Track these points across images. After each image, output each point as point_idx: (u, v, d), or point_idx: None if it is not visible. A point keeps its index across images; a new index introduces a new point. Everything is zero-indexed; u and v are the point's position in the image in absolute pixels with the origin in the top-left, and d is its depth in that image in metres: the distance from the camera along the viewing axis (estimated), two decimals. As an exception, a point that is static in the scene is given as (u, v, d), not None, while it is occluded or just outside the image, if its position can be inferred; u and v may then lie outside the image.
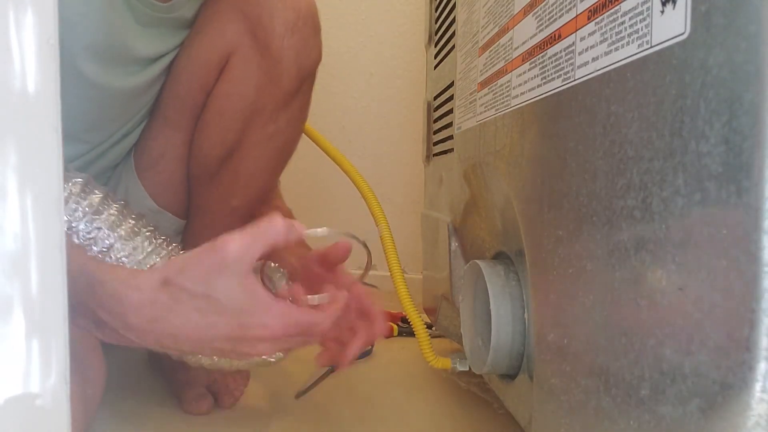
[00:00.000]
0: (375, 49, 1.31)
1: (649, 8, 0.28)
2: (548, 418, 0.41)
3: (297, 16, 0.68)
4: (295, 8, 0.68)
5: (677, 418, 0.26)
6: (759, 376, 0.22)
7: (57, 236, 0.25)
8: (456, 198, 0.68)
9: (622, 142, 0.30)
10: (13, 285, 0.24)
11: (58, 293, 0.25)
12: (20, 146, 0.24)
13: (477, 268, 0.52)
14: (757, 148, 0.22)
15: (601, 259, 0.32)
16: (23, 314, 0.24)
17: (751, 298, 0.22)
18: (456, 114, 0.68)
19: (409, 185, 1.32)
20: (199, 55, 0.70)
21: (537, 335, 0.43)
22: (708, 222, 0.24)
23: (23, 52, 0.23)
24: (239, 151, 0.72)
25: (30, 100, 0.24)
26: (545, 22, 0.40)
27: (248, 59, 0.69)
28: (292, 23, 0.68)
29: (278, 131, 0.72)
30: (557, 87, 0.38)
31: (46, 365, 0.25)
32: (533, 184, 0.42)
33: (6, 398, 0.24)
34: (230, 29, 0.69)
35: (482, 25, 0.56)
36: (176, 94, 0.72)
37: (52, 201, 0.25)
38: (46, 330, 0.25)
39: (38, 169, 0.24)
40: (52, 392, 0.25)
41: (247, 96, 0.69)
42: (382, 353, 0.97)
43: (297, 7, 0.68)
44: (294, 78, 0.70)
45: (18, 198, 0.24)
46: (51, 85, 0.24)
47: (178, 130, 0.74)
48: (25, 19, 0.23)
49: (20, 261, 0.24)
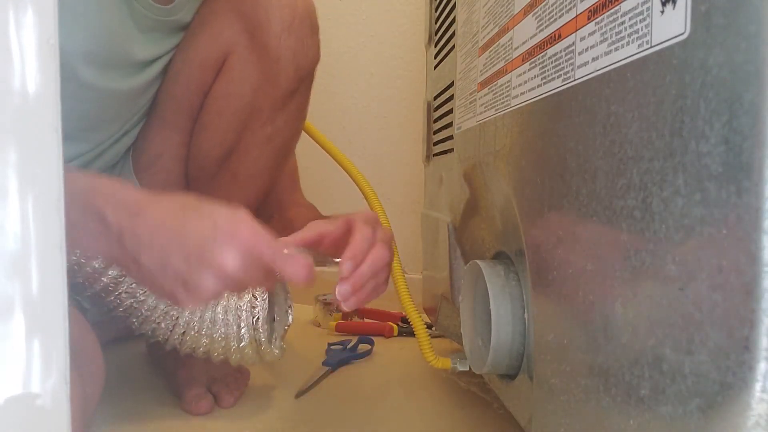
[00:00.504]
0: (375, 49, 1.31)
1: (649, 8, 0.28)
2: (548, 418, 0.41)
3: (294, 16, 0.68)
4: (291, 8, 0.68)
5: (677, 418, 0.26)
6: (759, 376, 0.22)
7: (57, 236, 0.25)
8: (456, 198, 0.68)
9: (622, 142, 0.30)
10: (13, 285, 0.24)
11: (58, 293, 0.25)
12: (20, 146, 0.24)
13: (477, 268, 0.52)
14: (757, 148, 0.22)
15: (601, 259, 0.32)
16: (23, 314, 0.24)
17: (751, 298, 0.22)
18: (456, 114, 0.68)
19: (409, 185, 1.31)
20: (196, 56, 0.70)
21: (537, 335, 0.44)
22: (708, 222, 0.24)
23: (23, 52, 0.23)
24: (237, 152, 0.72)
25: (30, 100, 0.24)
26: (545, 22, 0.40)
27: (246, 59, 0.69)
28: (288, 23, 0.68)
29: (277, 131, 0.72)
30: (557, 87, 0.38)
31: (46, 365, 0.25)
32: (533, 184, 0.42)
33: (6, 398, 0.24)
34: (227, 29, 0.69)
35: (482, 25, 0.56)
36: (173, 95, 0.72)
37: (52, 201, 0.25)
38: (46, 330, 0.25)
39: (38, 169, 0.24)
40: (52, 392, 0.25)
41: (245, 96, 0.69)
42: (382, 353, 0.97)
43: (294, 7, 0.68)
44: (292, 78, 0.70)
45: (18, 198, 0.24)
46: (51, 85, 0.24)
47: (175, 131, 0.74)
48: (25, 19, 0.23)
49: (20, 261, 0.24)
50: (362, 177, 0.80)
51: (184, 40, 0.72)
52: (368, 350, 0.96)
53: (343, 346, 0.96)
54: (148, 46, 0.67)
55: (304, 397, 0.78)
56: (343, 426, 0.70)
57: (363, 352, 0.96)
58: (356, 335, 1.02)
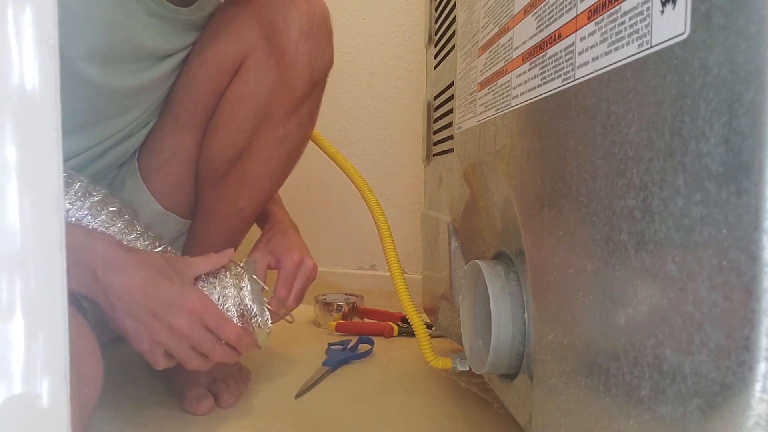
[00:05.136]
0: (375, 49, 1.31)
1: (649, 8, 0.28)
2: (548, 418, 0.41)
3: (311, 22, 0.69)
4: (309, 13, 0.69)
5: (677, 418, 0.26)
6: (759, 376, 0.22)
7: (57, 236, 0.25)
8: (456, 198, 0.68)
9: (622, 142, 0.30)
10: (13, 285, 0.24)
11: (58, 293, 0.25)
12: (20, 146, 0.24)
13: (477, 268, 0.52)
14: (757, 148, 0.22)
15: (601, 259, 0.32)
16: (23, 314, 0.24)
17: (751, 298, 0.22)
18: (456, 114, 0.68)
19: (409, 185, 1.32)
20: (214, 58, 0.70)
21: (537, 335, 0.43)
22: (708, 222, 0.24)
23: (23, 51, 0.23)
24: (248, 153, 0.72)
25: (29, 100, 0.24)
26: (545, 22, 0.40)
27: (262, 63, 0.69)
28: (306, 28, 0.69)
29: (288, 134, 0.73)
30: (557, 87, 0.38)
31: (46, 365, 0.25)
32: (533, 184, 0.42)
33: (6, 398, 0.24)
34: (246, 33, 0.69)
35: (482, 25, 0.56)
36: (190, 96, 0.73)
37: (52, 201, 0.25)
38: (46, 330, 0.25)
39: (38, 169, 0.24)
40: (52, 392, 0.25)
41: (260, 98, 0.70)
42: (382, 353, 0.97)
43: (311, 13, 0.69)
44: (306, 82, 0.70)
45: (18, 198, 0.24)
46: (51, 84, 0.24)
47: (189, 132, 0.74)
48: (24, 18, 0.23)
49: (20, 261, 0.24)
50: (361, 177, 0.80)
51: (201, 43, 0.72)
52: (368, 350, 0.96)
53: (343, 346, 0.96)
54: (158, 39, 0.67)
55: (304, 397, 0.78)
56: (343, 426, 0.70)
57: (363, 352, 0.96)
58: (356, 335, 1.02)
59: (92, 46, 0.59)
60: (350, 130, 1.34)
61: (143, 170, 0.76)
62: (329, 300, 1.16)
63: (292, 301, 0.76)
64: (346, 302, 1.15)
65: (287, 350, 0.98)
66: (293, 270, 0.75)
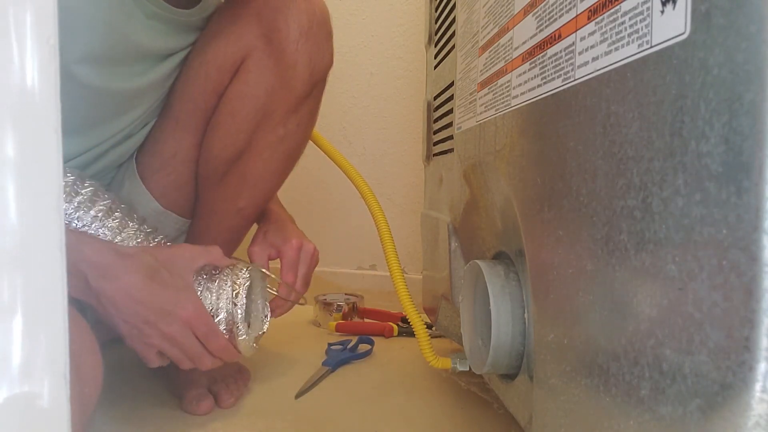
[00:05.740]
0: (375, 49, 1.31)
1: (649, 8, 0.28)
2: (548, 418, 0.41)
3: (311, 21, 0.69)
4: (309, 13, 0.69)
5: (677, 418, 0.26)
6: (759, 376, 0.22)
7: (57, 236, 0.25)
8: (456, 198, 0.68)
9: (622, 142, 0.30)
10: (14, 284, 0.24)
11: (58, 293, 0.25)
12: (20, 146, 0.24)
13: (477, 268, 0.52)
14: (757, 148, 0.22)
15: (601, 259, 0.32)
16: (23, 314, 0.24)
17: (751, 298, 0.22)
18: (456, 114, 0.68)
19: (409, 185, 1.32)
20: (214, 58, 0.70)
21: (537, 335, 0.43)
22: (708, 222, 0.24)
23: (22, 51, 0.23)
24: (248, 153, 0.72)
25: (29, 100, 0.24)
26: (545, 22, 0.40)
27: (262, 62, 0.69)
28: (306, 28, 0.69)
29: (288, 134, 0.73)
30: (557, 87, 0.38)
31: (46, 365, 0.25)
32: (533, 184, 0.42)
33: (6, 398, 0.24)
34: (246, 33, 0.69)
35: (482, 25, 0.56)
36: (189, 96, 0.73)
37: (52, 201, 0.25)
38: (46, 330, 0.25)
39: (38, 169, 0.24)
40: (52, 392, 0.25)
41: (260, 98, 0.70)
42: (382, 353, 0.97)
43: (311, 12, 0.69)
44: (306, 82, 0.70)
45: (18, 198, 0.24)
46: (50, 84, 0.24)
47: (189, 132, 0.74)
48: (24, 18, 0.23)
49: (20, 260, 0.24)
50: (361, 178, 0.80)
51: (201, 43, 0.72)
52: (368, 350, 0.96)
53: (343, 346, 0.96)
54: (157, 41, 0.67)
55: (304, 397, 0.78)
56: (343, 426, 0.70)
57: (363, 352, 0.96)
58: (356, 335, 1.02)
59: (91, 49, 0.59)
60: (350, 130, 1.34)
61: (142, 170, 0.76)
62: (329, 300, 1.16)
63: (300, 286, 0.77)
64: (346, 302, 1.15)
65: (287, 350, 0.98)
66: (294, 256, 0.76)
